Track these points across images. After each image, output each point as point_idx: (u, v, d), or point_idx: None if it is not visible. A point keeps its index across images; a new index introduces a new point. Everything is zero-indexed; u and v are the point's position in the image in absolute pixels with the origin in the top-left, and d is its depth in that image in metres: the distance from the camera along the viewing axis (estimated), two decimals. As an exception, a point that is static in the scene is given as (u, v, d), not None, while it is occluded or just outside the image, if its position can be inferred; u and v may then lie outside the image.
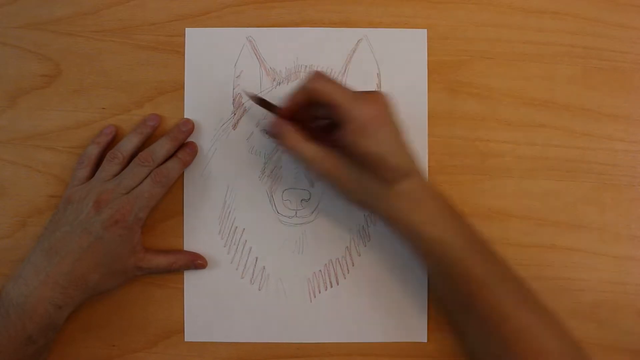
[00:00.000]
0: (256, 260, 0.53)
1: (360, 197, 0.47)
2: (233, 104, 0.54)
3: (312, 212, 0.54)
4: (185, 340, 0.53)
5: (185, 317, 0.53)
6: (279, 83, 0.54)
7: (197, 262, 0.52)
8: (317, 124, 0.48)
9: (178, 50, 0.54)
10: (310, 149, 0.45)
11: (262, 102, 0.50)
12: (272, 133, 0.47)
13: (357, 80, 0.54)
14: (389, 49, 0.54)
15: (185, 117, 0.54)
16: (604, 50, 0.55)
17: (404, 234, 0.47)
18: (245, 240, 0.53)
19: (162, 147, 0.51)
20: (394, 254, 0.53)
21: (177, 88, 0.54)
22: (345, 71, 0.54)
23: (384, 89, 0.54)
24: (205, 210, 0.53)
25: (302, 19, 0.54)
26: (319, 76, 0.45)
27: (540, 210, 0.54)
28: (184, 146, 0.53)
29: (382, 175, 0.45)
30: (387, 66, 0.54)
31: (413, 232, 0.46)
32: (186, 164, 0.52)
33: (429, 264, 0.48)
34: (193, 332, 0.53)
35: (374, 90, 0.46)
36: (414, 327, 0.53)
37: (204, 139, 0.54)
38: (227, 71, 0.54)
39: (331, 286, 0.54)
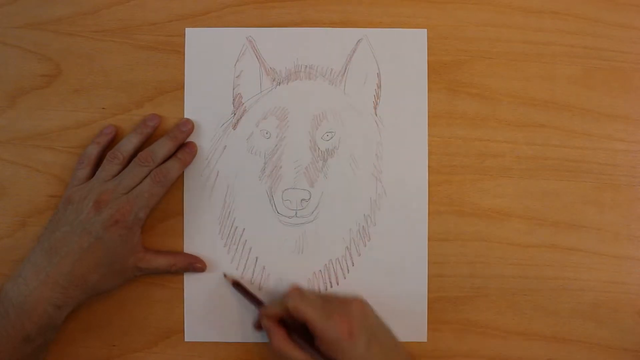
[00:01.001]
0: (256, 260, 0.53)
1: None
2: (233, 104, 0.54)
3: (312, 212, 0.54)
4: (185, 340, 0.53)
5: (185, 317, 0.53)
6: (279, 83, 0.54)
7: (195, 265, 0.52)
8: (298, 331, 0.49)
9: (178, 50, 0.54)
10: (297, 354, 0.47)
11: (249, 295, 0.52)
12: (262, 328, 0.50)
13: (357, 80, 0.54)
14: (389, 49, 0.54)
15: (185, 117, 0.54)
16: (604, 50, 0.55)
17: None
18: (245, 240, 0.53)
19: (162, 147, 0.51)
20: (394, 254, 0.53)
21: (177, 88, 0.54)
22: (345, 71, 0.54)
23: (384, 89, 0.54)
24: (205, 210, 0.53)
25: (302, 19, 0.54)
26: (296, 294, 0.49)
27: (540, 210, 0.54)
28: (183, 146, 0.53)
29: None
30: (387, 66, 0.54)
31: None
32: (186, 164, 0.52)
33: None
34: (193, 332, 0.53)
35: (351, 298, 0.49)
36: (414, 327, 0.53)
37: (204, 139, 0.54)
38: (227, 71, 0.54)
39: (331, 286, 0.53)
